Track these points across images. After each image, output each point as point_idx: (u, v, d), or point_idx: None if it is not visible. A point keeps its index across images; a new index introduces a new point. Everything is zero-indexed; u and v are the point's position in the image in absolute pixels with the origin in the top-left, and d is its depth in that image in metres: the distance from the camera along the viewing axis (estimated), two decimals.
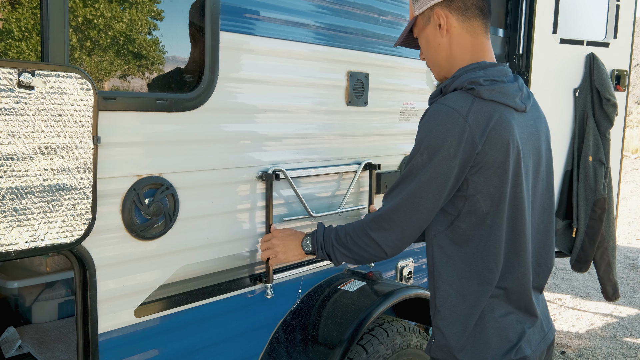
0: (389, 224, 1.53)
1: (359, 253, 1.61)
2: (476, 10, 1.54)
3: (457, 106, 1.42)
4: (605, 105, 3.60)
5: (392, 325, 2.34)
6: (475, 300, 1.50)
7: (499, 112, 1.44)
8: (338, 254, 1.67)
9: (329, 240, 1.69)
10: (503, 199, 1.46)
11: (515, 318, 1.54)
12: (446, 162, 1.42)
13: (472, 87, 1.43)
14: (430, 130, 1.44)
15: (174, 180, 1.79)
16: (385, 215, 1.53)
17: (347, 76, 2.35)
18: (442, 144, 1.41)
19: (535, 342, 1.57)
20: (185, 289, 1.88)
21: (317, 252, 1.75)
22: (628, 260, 6.89)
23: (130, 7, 1.77)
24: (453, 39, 1.55)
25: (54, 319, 2.90)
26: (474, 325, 1.50)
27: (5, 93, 1.32)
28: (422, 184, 1.45)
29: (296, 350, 2.17)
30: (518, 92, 1.51)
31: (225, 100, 1.91)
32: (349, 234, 1.63)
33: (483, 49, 1.57)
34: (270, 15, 2.02)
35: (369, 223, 1.58)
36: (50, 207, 1.43)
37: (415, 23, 1.62)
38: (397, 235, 1.53)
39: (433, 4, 1.55)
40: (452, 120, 1.41)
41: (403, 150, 2.71)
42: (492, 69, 1.50)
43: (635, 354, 4.35)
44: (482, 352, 1.50)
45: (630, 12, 3.88)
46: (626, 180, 12.15)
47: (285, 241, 1.89)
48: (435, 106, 1.47)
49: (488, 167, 1.43)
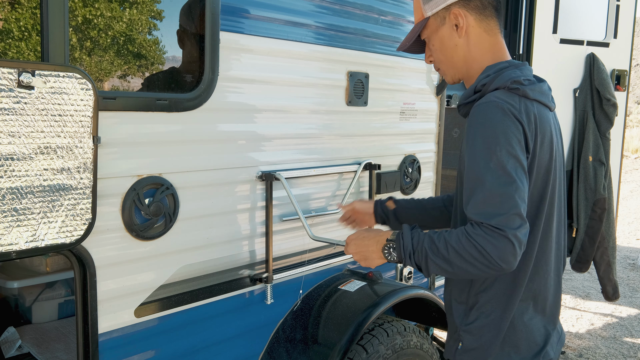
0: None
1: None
2: (492, 9, 1.51)
3: (512, 104, 1.36)
4: (605, 105, 3.60)
5: (392, 325, 2.34)
6: (508, 303, 1.46)
7: (540, 112, 1.42)
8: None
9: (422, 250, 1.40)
10: (544, 201, 1.44)
11: (542, 321, 1.52)
12: (519, 153, 1.34)
13: (516, 87, 1.39)
14: (495, 125, 1.34)
15: (174, 180, 1.79)
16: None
17: (347, 76, 2.35)
18: (508, 140, 1.33)
19: (555, 344, 1.56)
20: (185, 289, 1.88)
21: (405, 262, 1.47)
22: (628, 260, 6.89)
23: (130, 7, 1.77)
24: (471, 39, 1.51)
25: (54, 319, 2.90)
26: (506, 329, 1.47)
27: (5, 93, 1.32)
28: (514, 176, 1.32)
29: (296, 350, 2.17)
30: (550, 92, 1.50)
31: (225, 100, 1.91)
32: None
33: (502, 48, 1.53)
34: (270, 15, 2.01)
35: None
36: (50, 207, 1.43)
37: (427, 24, 1.55)
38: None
39: (449, 4, 1.49)
40: (511, 119, 1.35)
41: (403, 150, 2.71)
42: (523, 68, 1.47)
43: (635, 354, 4.35)
44: (510, 355, 1.47)
45: (630, 12, 3.88)
46: (626, 180, 12.15)
47: (360, 249, 1.57)
48: (492, 102, 1.37)
49: (537, 169, 1.40)
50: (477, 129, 1.37)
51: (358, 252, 1.56)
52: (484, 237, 1.27)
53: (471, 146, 1.36)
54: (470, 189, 1.34)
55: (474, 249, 1.27)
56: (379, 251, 1.50)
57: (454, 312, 1.57)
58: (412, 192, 2.79)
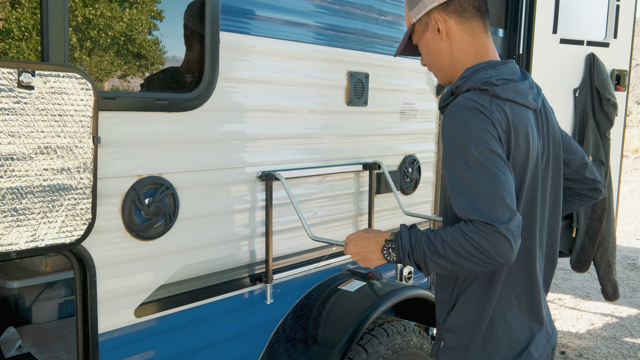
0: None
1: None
2: (474, 10, 1.52)
3: (481, 103, 1.38)
4: (605, 105, 3.60)
5: (392, 325, 2.34)
6: (485, 302, 1.48)
7: (515, 111, 1.42)
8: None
9: (420, 249, 1.41)
10: (519, 199, 1.44)
11: (525, 321, 1.53)
12: (494, 150, 1.35)
13: (486, 88, 1.41)
14: (466, 124, 1.36)
15: (174, 180, 1.79)
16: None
17: (347, 76, 2.35)
18: (481, 136, 1.34)
19: (542, 345, 1.56)
20: (185, 289, 1.88)
21: (404, 262, 1.48)
22: (628, 260, 6.89)
23: (130, 7, 1.77)
24: (453, 42, 1.53)
25: (54, 319, 2.90)
26: (485, 328, 1.49)
27: (5, 93, 1.32)
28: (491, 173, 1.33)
29: (296, 350, 2.17)
30: (530, 90, 1.50)
31: (225, 100, 1.91)
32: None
33: (485, 48, 1.55)
34: (270, 15, 2.02)
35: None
36: (50, 207, 1.43)
37: (414, 30, 1.60)
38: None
39: (429, 9, 1.53)
40: (482, 117, 1.36)
41: (403, 150, 2.71)
42: (502, 67, 1.48)
43: (635, 354, 4.35)
44: (491, 354, 1.49)
45: (630, 12, 3.88)
46: (626, 180, 12.15)
47: (360, 250, 1.58)
48: (461, 103, 1.39)
49: (512, 167, 1.40)
50: (450, 131, 1.38)
51: (357, 252, 1.57)
52: (478, 233, 1.27)
53: (447, 148, 1.38)
54: (455, 189, 1.35)
55: (470, 246, 1.28)
56: (378, 252, 1.51)
57: (438, 311, 1.60)
58: (412, 192, 2.79)
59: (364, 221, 2.56)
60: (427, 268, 1.40)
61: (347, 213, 2.47)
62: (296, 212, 2.10)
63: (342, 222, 2.45)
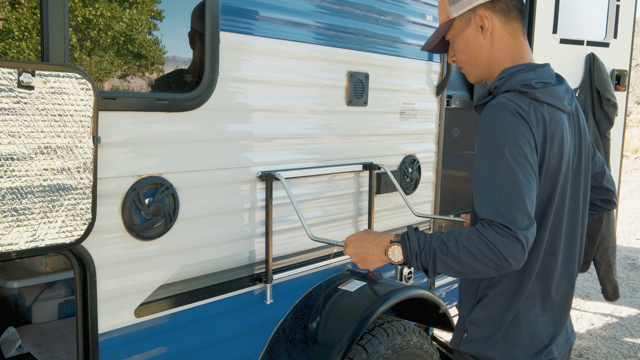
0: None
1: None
2: (517, 12, 1.54)
3: (520, 105, 1.39)
4: (605, 105, 3.60)
5: (392, 325, 2.34)
6: (513, 299, 1.50)
7: (552, 114, 1.44)
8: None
9: (430, 250, 1.40)
10: (552, 201, 1.47)
11: (549, 319, 1.56)
12: (528, 154, 1.37)
13: (525, 90, 1.42)
14: (504, 126, 1.38)
15: (174, 180, 1.79)
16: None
17: (347, 76, 2.35)
18: (517, 140, 1.36)
19: (561, 345, 1.59)
20: (185, 289, 1.88)
21: (410, 263, 1.46)
22: (628, 260, 6.89)
23: (130, 7, 1.77)
24: (495, 41, 1.54)
25: (54, 319, 2.90)
26: (509, 323, 1.51)
27: (5, 93, 1.32)
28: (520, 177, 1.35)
29: (296, 350, 2.17)
30: (566, 95, 1.52)
31: (225, 100, 1.91)
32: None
33: (524, 50, 1.56)
34: (270, 15, 2.02)
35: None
36: (50, 207, 1.43)
37: (452, 25, 1.58)
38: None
39: (475, 6, 1.53)
40: (520, 120, 1.38)
41: (403, 150, 2.71)
42: (540, 70, 1.49)
43: (635, 354, 4.34)
44: (513, 349, 1.51)
45: (630, 12, 3.88)
46: (626, 180, 12.14)
47: (360, 251, 1.57)
48: (501, 104, 1.41)
49: (545, 170, 1.43)
50: (486, 130, 1.40)
51: (357, 253, 1.56)
52: (495, 235, 1.29)
53: (480, 147, 1.40)
54: (480, 188, 1.37)
55: (485, 247, 1.29)
56: (380, 253, 1.50)
57: (463, 304, 1.62)
58: (412, 192, 2.79)
59: (364, 221, 2.56)
60: (434, 269, 1.39)
61: (347, 213, 2.47)
62: (296, 212, 2.10)
63: (342, 222, 2.45)
